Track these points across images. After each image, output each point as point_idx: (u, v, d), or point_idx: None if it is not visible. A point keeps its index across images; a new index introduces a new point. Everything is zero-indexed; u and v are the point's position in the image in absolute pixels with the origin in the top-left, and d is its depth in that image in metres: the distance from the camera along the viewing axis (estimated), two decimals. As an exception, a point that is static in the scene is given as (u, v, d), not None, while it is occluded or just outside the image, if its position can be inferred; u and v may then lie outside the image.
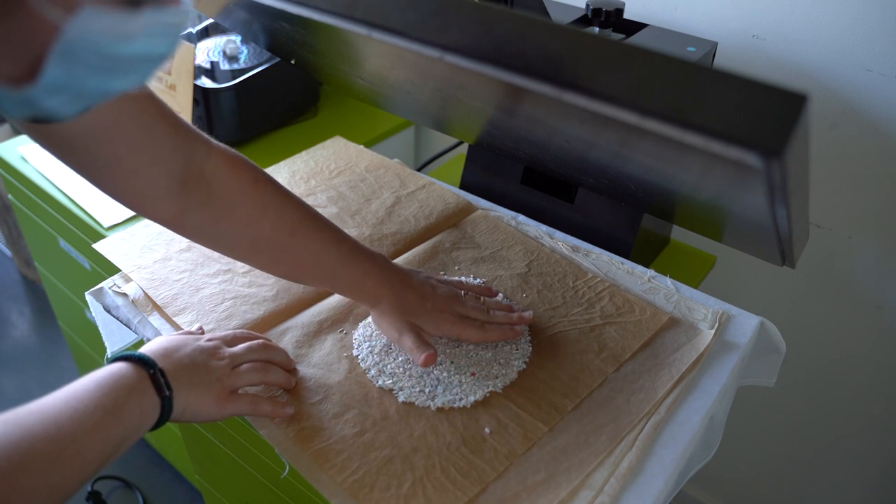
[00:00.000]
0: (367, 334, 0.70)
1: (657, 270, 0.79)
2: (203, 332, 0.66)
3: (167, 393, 0.54)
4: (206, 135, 0.60)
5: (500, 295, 0.75)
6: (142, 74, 0.34)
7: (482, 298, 0.72)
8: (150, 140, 0.55)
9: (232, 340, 0.63)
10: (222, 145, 0.61)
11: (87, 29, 0.29)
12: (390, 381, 0.65)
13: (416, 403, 0.63)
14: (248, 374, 0.60)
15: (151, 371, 0.54)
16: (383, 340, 0.69)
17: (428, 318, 0.67)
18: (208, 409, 0.57)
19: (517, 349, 0.68)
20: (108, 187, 0.57)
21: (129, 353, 0.55)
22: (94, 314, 0.77)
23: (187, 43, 1.03)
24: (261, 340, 0.64)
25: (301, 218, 0.64)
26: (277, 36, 0.80)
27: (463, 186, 0.99)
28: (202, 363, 0.58)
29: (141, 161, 0.55)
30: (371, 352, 0.68)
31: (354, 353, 0.68)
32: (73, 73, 0.31)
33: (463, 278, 0.77)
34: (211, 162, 0.60)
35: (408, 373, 0.65)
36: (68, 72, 0.30)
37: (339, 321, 0.72)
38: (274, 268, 0.67)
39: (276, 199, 0.63)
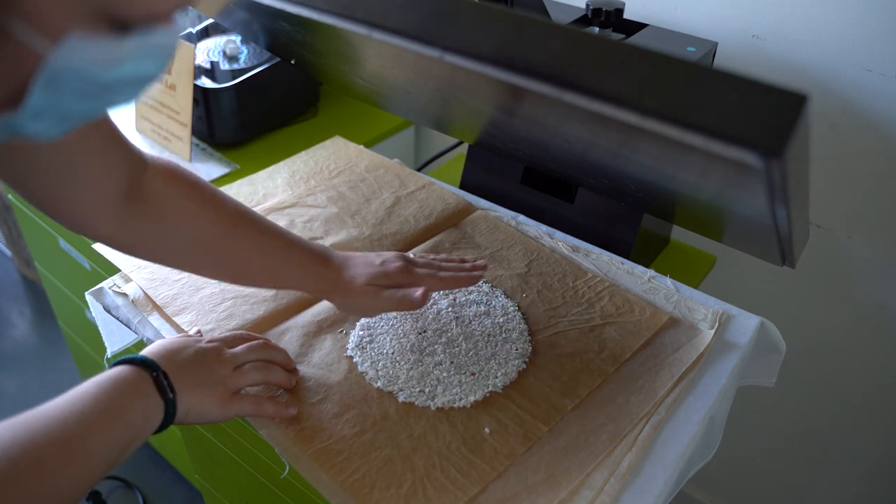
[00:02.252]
0: (365, 335, 0.70)
1: (657, 270, 0.79)
2: (202, 335, 0.66)
3: (171, 395, 0.54)
4: (141, 151, 0.59)
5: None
6: (129, 95, 0.33)
7: (430, 256, 0.73)
8: (90, 157, 0.53)
9: (232, 341, 0.63)
10: (159, 158, 0.60)
11: (73, 57, 0.28)
12: (389, 381, 0.65)
13: (416, 403, 0.63)
14: (251, 373, 0.60)
15: (154, 374, 0.54)
16: (382, 341, 0.69)
17: (381, 274, 0.65)
18: (212, 411, 0.57)
19: (517, 349, 0.68)
20: (48, 205, 0.54)
21: (131, 356, 0.55)
22: (94, 314, 0.77)
23: (187, 43, 1.03)
24: (261, 340, 0.64)
25: (239, 212, 0.63)
26: (277, 36, 0.80)
27: (463, 186, 0.99)
28: (204, 364, 0.58)
29: (81, 178, 0.53)
30: (369, 353, 0.68)
31: (349, 353, 0.68)
32: (59, 100, 0.30)
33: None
34: (147, 173, 0.58)
35: (407, 373, 0.65)
36: (53, 98, 0.30)
37: (339, 321, 0.72)
38: (220, 270, 0.64)
39: (212, 198, 0.62)
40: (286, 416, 0.61)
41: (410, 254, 0.80)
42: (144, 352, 0.57)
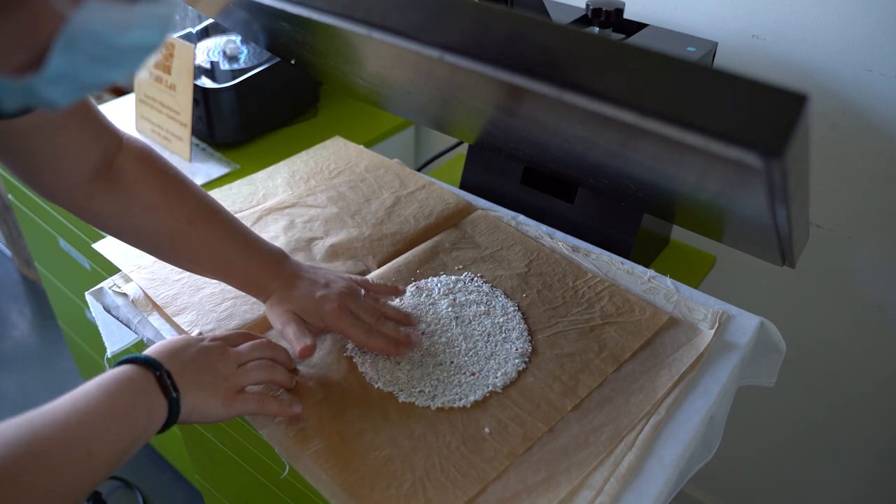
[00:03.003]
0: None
1: (657, 270, 0.79)
2: (203, 336, 0.66)
3: (174, 394, 0.54)
4: (117, 127, 0.61)
5: (405, 308, 0.73)
6: (134, 64, 0.35)
7: (382, 301, 0.71)
8: (70, 132, 0.56)
9: (234, 340, 0.63)
10: (132, 137, 0.63)
11: (90, 19, 0.30)
12: (389, 382, 0.65)
13: (416, 403, 0.63)
14: (254, 372, 0.60)
15: (157, 373, 0.54)
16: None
17: (313, 309, 0.65)
18: (216, 409, 0.57)
19: (516, 349, 0.68)
20: (24, 177, 0.58)
21: (134, 355, 0.55)
22: (94, 314, 0.77)
23: (187, 43, 1.03)
24: (262, 339, 0.64)
25: (200, 207, 0.64)
26: (277, 36, 0.80)
27: (463, 186, 0.99)
28: (208, 363, 0.58)
29: (59, 152, 0.57)
30: (369, 353, 0.68)
31: (349, 353, 0.68)
32: (75, 64, 0.32)
33: (372, 280, 0.74)
34: (121, 153, 0.61)
35: (407, 373, 0.65)
36: (70, 62, 0.31)
37: (339, 321, 0.72)
38: (172, 258, 0.67)
39: (176, 188, 0.63)
40: (290, 415, 0.60)
41: (415, 255, 0.80)
42: (147, 351, 0.57)
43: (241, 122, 1.11)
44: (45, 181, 0.59)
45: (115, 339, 0.78)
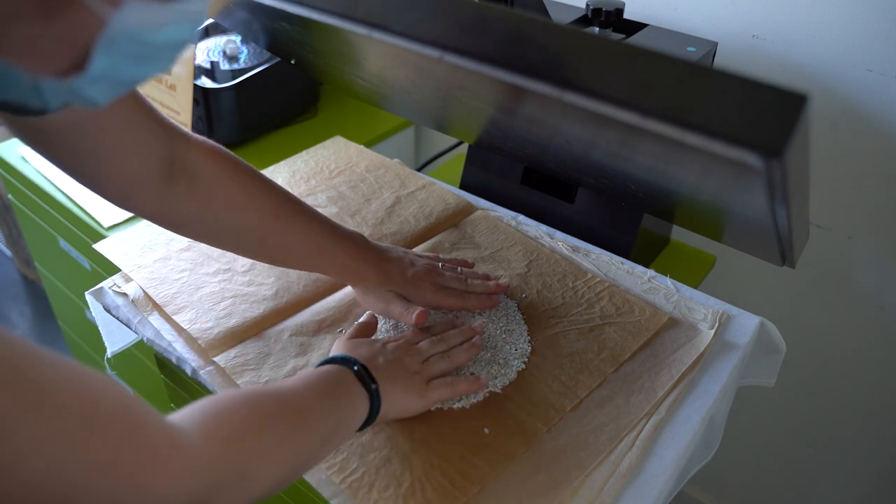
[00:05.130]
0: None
1: (657, 270, 0.79)
2: (375, 322, 0.69)
3: (373, 386, 0.56)
4: (183, 128, 0.61)
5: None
6: (168, 60, 0.36)
7: (459, 269, 0.75)
8: (134, 131, 0.56)
9: (412, 340, 0.65)
10: (200, 137, 0.62)
11: (127, 20, 0.32)
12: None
13: (416, 403, 0.63)
14: (439, 363, 0.63)
15: (355, 367, 0.57)
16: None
17: (410, 287, 0.69)
18: (414, 401, 0.60)
19: (516, 349, 0.68)
20: (91, 180, 0.57)
21: (329, 357, 0.59)
22: (94, 314, 0.77)
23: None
24: (436, 337, 0.66)
25: (284, 201, 0.65)
26: (277, 36, 0.80)
27: (463, 186, 0.99)
28: (397, 360, 0.61)
29: (125, 152, 0.56)
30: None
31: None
32: (114, 63, 0.33)
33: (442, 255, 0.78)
34: (191, 153, 0.61)
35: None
36: (110, 62, 0.33)
37: (339, 321, 0.72)
38: (259, 253, 0.68)
39: (258, 184, 0.64)
40: (481, 388, 0.63)
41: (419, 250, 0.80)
42: (334, 356, 0.59)
43: (241, 122, 1.11)
44: (115, 183, 0.58)
45: (115, 339, 0.78)
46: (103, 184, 0.58)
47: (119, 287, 0.75)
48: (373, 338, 0.67)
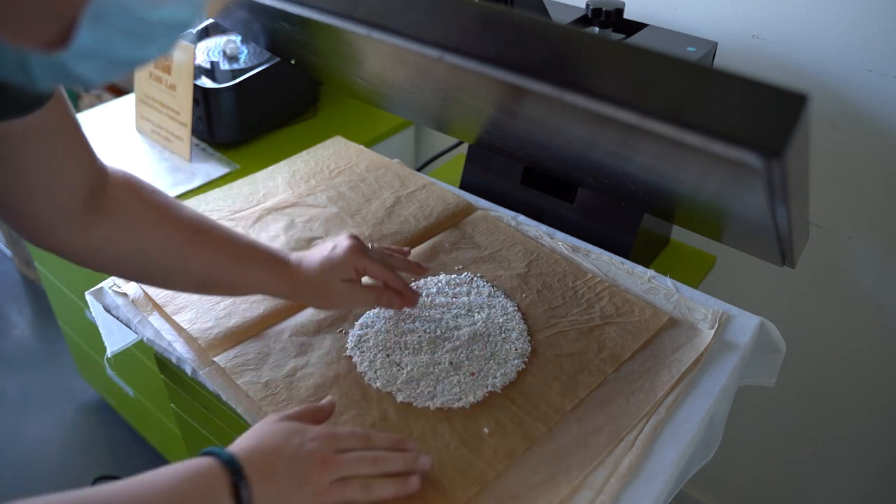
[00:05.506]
0: (364, 335, 0.70)
1: (657, 270, 0.79)
2: (331, 409, 0.59)
3: (244, 493, 0.47)
4: (101, 159, 0.58)
5: None
6: (166, 42, 0.34)
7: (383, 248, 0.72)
8: (67, 161, 0.52)
9: (346, 441, 0.54)
10: (115, 167, 0.60)
11: None
12: (388, 381, 0.65)
13: (415, 404, 0.63)
14: (353, 491, 0.52)
15: (235, 479, 0.47)
16: (381, 341, 0.69)
17: (331, 261, 0.66)
18: None
19: (516, 349, 0.68)
20: (11, 208, 0.52)
21: (219, 450, 0.49)
22: (94, 314, 0.77)
23: (187, 43, 1.03)
24: (379, 454, 0.54)
25: (199, 219, 0.63)
26: (277, 36, 0.80)
27: (463, 186, 0.99)
28: (301, 475, 0.50)
29: (51, 174, 0.52)
30: (368, 352, 0.68)
31: (348, 352, 0.68)
32: (105, 38, 0.31)
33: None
34: (107, 181, 0.58)
35: (406, 373, 0.65)
36: (100, 36, 0.31)
37: (339, 321, 0.72)
38: (182, 271, 0.62)
39: (173, 206, 0.62)
40: (406, 493, 0.54)
41: (416, 255, 0.80)
42: (238, 443, 0.51)
43: (241, 122, 1.11)
44: (34, 211, 0.53)
45: (115, 338, 0.78)
46: (21, 214, 0.53)
47: (119, 287, 0.75)
48: (308, 427, 0.54)
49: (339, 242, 0.68)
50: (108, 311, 0.74)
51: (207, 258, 0.62)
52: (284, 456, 0.50)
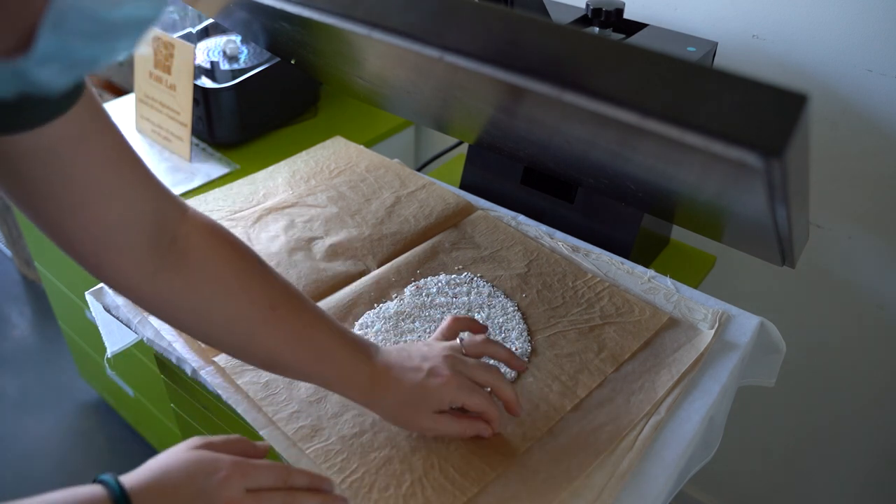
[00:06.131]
0: (364, 335, 0.70)
1: (657, 270, 0.79)
2: (264, 453, 0.55)
3: None
4: (181, 199, 0.53)
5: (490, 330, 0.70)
6: (130, 40, 0.32)
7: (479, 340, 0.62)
8: (115, 173, 0.46)
9: (261, 474, 0.50)
10: (198, 211, 0.54)
11: None
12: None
13: (416, 403, 0.63)
14: (271, 500, 0.49)
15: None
16: (381, 341, 0.69)
17: (434, 396, 0.57)
18: None
19: (516, 349, 0.68)
20: (62, 229, 0.47)
21: (113, 480, 0.44)
22: (94, 314, 0.77)
23: (187, 43, 1.03)
24: (289, 496, 0.50)
25: (283, 293, 0.55)
26: (277, 36, 0.80)
27: (463, 186, 0.99)
28: (209, 488, 0.46)
29: (102, 196, 0.46)
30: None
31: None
32: (66, 42, 0.30)
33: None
34: (186, 224, 0.52)
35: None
36: (61, 40, 0.29)
37: (339, 321, 0.72)
38: (247, 349, 0.56)
39: (257, 270, 0.55)
40: None
41: (415, 255, 0.80)
42: (140, 472, 0.46)
43: (241, 122, 1.11)
44: (85, 236, 0.48)
45: (115, 338, 0.78)
46: (70, 235, 0.47)
47: (119, 287, 0.75)
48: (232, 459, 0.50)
49: (433, 357, 0.58)
50: (108, 311, 0.74)
51: (278, 345, 0.55)
52: (184, 496, 0.45)
